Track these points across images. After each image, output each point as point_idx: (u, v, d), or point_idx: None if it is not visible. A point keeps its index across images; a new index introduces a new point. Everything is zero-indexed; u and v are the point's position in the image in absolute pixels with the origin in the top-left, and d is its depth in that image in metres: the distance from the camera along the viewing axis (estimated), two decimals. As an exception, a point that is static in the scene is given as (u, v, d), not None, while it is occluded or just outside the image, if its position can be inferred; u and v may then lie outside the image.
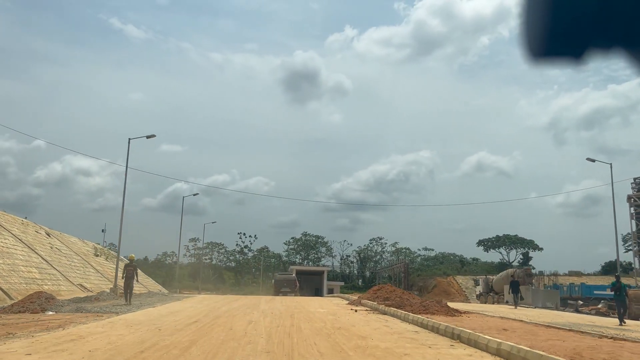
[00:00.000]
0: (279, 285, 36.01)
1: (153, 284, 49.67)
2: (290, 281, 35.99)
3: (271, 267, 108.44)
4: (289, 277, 37.39)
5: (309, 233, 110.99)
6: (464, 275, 71.08)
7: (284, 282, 36.12)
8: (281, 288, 35.59)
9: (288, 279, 36.89)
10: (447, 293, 65.68)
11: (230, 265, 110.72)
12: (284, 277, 37.79)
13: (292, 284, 35.75)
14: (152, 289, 40.68)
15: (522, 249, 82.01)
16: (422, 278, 71.79)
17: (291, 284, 35.61)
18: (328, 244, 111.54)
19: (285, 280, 36.37)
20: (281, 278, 37.30)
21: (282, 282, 36.04)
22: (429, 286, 68.95)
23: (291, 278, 36.75)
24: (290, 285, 35.59)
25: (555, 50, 1.07)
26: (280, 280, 36.73)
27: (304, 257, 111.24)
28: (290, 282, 35.75)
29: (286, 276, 38.25)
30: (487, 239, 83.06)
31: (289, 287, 35.61)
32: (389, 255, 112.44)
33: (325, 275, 78.97)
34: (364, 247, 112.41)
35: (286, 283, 35.70)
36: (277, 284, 36.29)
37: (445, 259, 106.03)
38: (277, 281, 36.75)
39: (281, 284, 36.01)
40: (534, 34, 1.08)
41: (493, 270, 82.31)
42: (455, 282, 68.42)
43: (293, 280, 36.28)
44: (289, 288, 35.54)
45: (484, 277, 41.95)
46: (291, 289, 35.55)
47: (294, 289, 35.68)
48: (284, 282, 35.89)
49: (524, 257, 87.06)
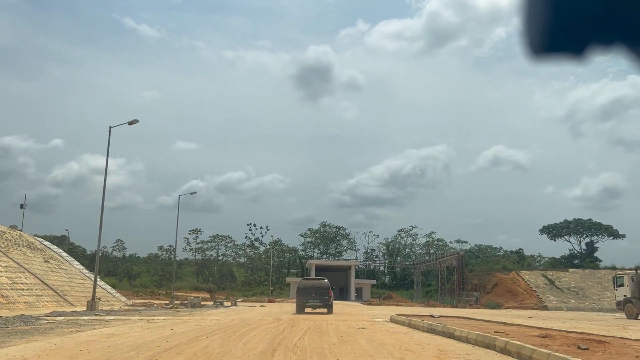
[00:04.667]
0: (305, 297, 24.74)
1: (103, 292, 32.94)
2: (321, 290, 24.70)
3: (285, 263, 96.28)
4: (319, 283, 25.46)
5: (328, 224, 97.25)
6: (530, 271, 56.79)
7: (311, 291, 24.75)
8: (308, 300, 24.63)
9: (317, 286, 25.09)
10: (512, 293, 51.60)
11: (240, 260, 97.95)
12: (311, 283, 25.78)
13: (324, 293, 24.56)
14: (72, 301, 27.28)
15: (597, 236, 67.27)
16: (477, 274, 57.67)
17: (322, 294, 24.53)
18: (350, 236, 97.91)
19: (313, 289, 24.86)
20: (307, 285, 25.41)
21: (308, 292, 24.76)
22: (486, 284, 54.78)
23: (322, 285, 25.03)
24: (320, 296, 24.45)
25: (556, 47, 1.08)
26: (307, 288, 25.05)
27: (322, 251, 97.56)
28: (320, 292, 24.64)
29: (315, 282, 25.98)
30: (552, 225, 68.38)
31: (319, 298, 24.47)
32: (418, 249, 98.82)
33: (352, 272, 65.19)
34: (392, 240, 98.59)
35: (315, 293, 24.61)
36: (302, 295, 24.90)
37: (482, 252, 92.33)
38: (301, 290, 25.11)
39: (307, 294, 24.70)
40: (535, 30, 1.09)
41: (560, 263, 67.95)
42: (521, 278, 54.29)
43: (325, 288, 24.80)
44: (319, 300, 24.52)
45: (633, 271, 27.67)
46: (322, 301, 24.48)
47: (326, 301, 24.50)
48: (312, 292, 24.70)
49: (588, 247, 72.44)
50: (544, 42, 1.06)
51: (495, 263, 63.91)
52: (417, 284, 68.97)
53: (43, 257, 26.46)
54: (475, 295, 48.50)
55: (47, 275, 25.09)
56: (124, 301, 29.06)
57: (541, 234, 69.89)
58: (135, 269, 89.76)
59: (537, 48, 1.08)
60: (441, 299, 56.59)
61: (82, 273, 25.90)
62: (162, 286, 68.38)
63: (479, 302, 48.13)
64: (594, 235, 67.56)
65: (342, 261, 77.84)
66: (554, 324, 18.78)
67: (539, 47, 1.08)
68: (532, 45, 1.08)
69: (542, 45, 1.07)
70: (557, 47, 1.07)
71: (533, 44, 1.08)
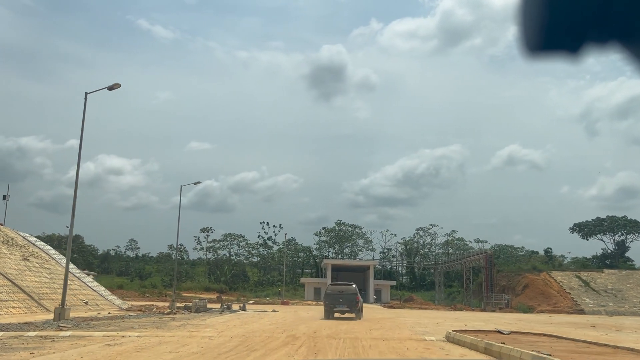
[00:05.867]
0: (332, 302, 24.65)
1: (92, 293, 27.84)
2: (349, 295, 24.59)
3: (299, 262, 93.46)
4: (347, 288, 25.22)
5: (344, 222, 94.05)
6: (562, 271, 53.16)
7: (339, 296, 24.64)
8: (335, 306, 24.51)
9: (345, 291, 24.96)
10: (545, 295, 48.07)
11: (253, 260, 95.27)
12: (339, 288, 25.51)
13: (352, 299, 24.47)
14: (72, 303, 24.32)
15: (634, 234, 62.98)
16: (505, 275, 54.12)
17: (350, 299, 24.43)
18: (366, 235, 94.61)
19: (341, 294, 24.74)
20: (335, 290, 25.26)
21: (336, 297, 24.68)
22: (516, 286, 51.32)
23: (350, 290, 24.92)
24: (348, 301, 24.34)
25: (552, 45, 1.08)
26: (334, 294, 24.93)
27: (337, 250, 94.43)
28: (348, 297, 24.54)
29: (342, 287, 25.62)
30: (584, 222, 64.28)
31: (347, 303, 24.36)
32: (436, 248, 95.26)
33: (371, 272, 61.93)
34: (409, 239, 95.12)
35: (342, 298, 24.52)
36: (330, 300, 24.88)
37: (503, 252, 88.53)
38: (328, 296, 25.09)
39: (335, 299, 24.62)
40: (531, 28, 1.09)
41: (591, 264, 63.97)
42: (553, 279, 50.70)
43: (353, 293, 24.70)
44: (346, 305, 24.38)
45: None
46: (350, 306, 24.35)
47: (354, 307, 24.35)
48: (339, 297, 24.60)
49: (619, 247, 68.33)
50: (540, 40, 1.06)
51: (524, 263, 60.06)
52: (438, 285, 65.53)
53: (22, 255, 23.42)
54: (506, 297, 45.01)
55: (23, 275, 21.88)
56: (118, 305, 25.73)
57: (572, 233, 65.96)
58: (147, 268, 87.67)
59: (533, 46, 1.07)
60: (466, 301, 53.13)
61: (71, 273, 22.79)
62: (172, 286, 65.81)
63: (510, 305, 44.66)
64: (631, 233, 63.34)
65: (360, 261, 74.62)
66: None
67: (535, 45, 1.07)
68: (528, 43, 1.08)
69: (538, 43, 1.07)
70: (553, 45, 1.06)
71: (529, 42, 1.08)
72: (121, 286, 61.45)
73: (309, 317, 24.78)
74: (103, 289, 24.92)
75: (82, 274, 24.54)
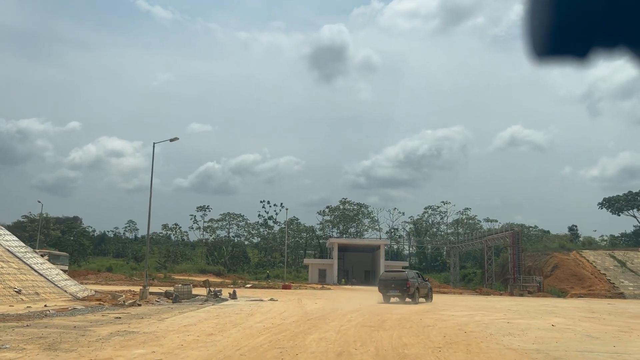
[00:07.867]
0: (385, 288, 25.36)
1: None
2: (400, 281, 24.86)
3: (302, 243, 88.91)
4: (399, 275, 25.62)
5: (349, 201, 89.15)
6: (594, 250, 48.36)
7: (391, 282, 25.19)
8: (388, 291, 25.12)
9: (397, 277, 25.30)
10: (577, 277, 43.34)
11: (253, 241, 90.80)
12: (391, 275, 26.09)
13: (403, 284, 24.64)
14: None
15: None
16: (530, 255, 49.33)
17: (401, 285, 24.66)
18: (372, 215, 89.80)
19: (393, 280, 25.17)
20: (388, 277, 25.94)
21: (388, 283, 25.29)
22: (544, 267, 46.52)
23: (401, 277, 25.16)
24: (399, 287, 24.66)
25: (559, 49, 1.09)
26: (387, 280, 25.59)
27: (342, 230, 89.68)
28: (399, 282, 24.84)
29: (394, 274, 26.07)
30: (614, 197, 59.29)
31: (399, 288, 24.64)
32: (446, 228, 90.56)
33: (382, 253, 57.21)
34: (418, 218, 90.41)
35: (394, 284, 24.92)
36: (383, 287, 25.64)
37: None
38: (382, 282, 25.89)
39: (388, 285, 25.24)
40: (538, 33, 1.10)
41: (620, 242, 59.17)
42: (585, 259, 45.91)
43: (404, 279, 24.82)
44: (398, 290, 24.68)
45: None
46: (401, 291, 24.58)
47: (404, 292, 24.51)
48: (392, 283, 25.09)
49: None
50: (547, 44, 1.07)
51: (551, 242, 55.21)
52: (453, 266, 60.92)
53: None
54: (538, 280, 40.22)
55: None
56: (71, 293, 19.29)
57: (600, 208, 61.11)
58: (144, 250, 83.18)
59: (541, 51, 1.08)
60: (488, 284, 48.39)
61: (9, 252, 17.66)
62: (166, 268, 61.14)
63: (542, 288, 39.90)
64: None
65: (369, 240, 69.81)
66: None
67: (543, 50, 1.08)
68: (535, 47, 1.09)
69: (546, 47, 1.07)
70: (561, 49, 1.07)
71: (536, 47, 1.08)
72: (110, 268, 56.81)
73: (318, 309, 19.74)
74: (56, 272, 19.61)
75: (31, 254, 19.49)
